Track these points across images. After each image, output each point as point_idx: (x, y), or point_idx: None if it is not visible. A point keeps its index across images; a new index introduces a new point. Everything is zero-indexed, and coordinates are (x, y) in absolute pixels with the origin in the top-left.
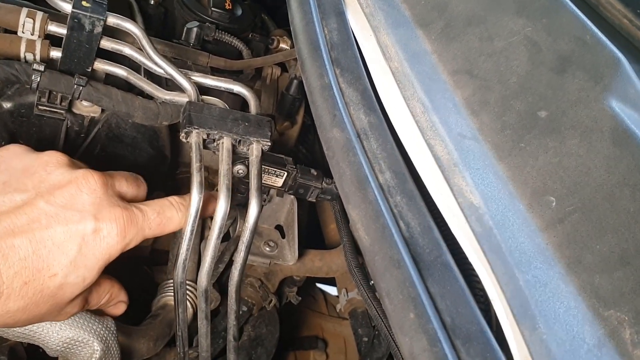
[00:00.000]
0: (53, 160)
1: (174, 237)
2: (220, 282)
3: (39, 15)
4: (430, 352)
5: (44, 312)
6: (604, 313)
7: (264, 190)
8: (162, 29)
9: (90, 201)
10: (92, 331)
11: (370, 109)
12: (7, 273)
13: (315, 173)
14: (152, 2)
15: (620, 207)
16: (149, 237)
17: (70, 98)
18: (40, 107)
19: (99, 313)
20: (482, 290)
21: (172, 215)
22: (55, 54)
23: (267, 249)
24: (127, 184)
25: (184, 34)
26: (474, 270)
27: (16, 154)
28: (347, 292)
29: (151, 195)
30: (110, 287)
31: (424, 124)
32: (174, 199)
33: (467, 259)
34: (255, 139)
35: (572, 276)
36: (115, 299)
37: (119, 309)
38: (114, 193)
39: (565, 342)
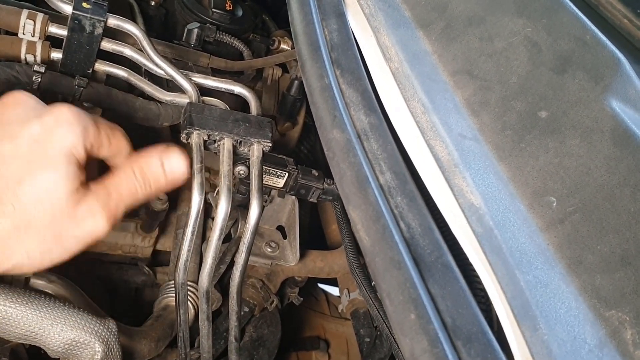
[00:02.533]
0: None
1: (176, 238)
2: (221, 283)
3: (40, 16)
4: (431, 353)
5: (45, 222)
6: (605, 313)
7: (265, 191)
8: (163, 30)
9: (24, 110)
10: (94, 332)
11: (370, 109)
12: None
13: (317, 174)
14: (152, 3)
15: (621, 208)
16: (109, 135)
17: (71, 99)
18: None
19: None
20: (483, 290)
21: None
22: (56, 55)
23: (269, 249)
24: None
25: (184, 35)
26: (474, 270)
27: None
28: (349, 293)
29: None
30: (130, 163)
31: (424, 124)
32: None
33: (467, 259)
34: (256, 139)
35: (573, 277)
36: (152, 163)
37: (176, 160)
38: None
39: (567, 342)
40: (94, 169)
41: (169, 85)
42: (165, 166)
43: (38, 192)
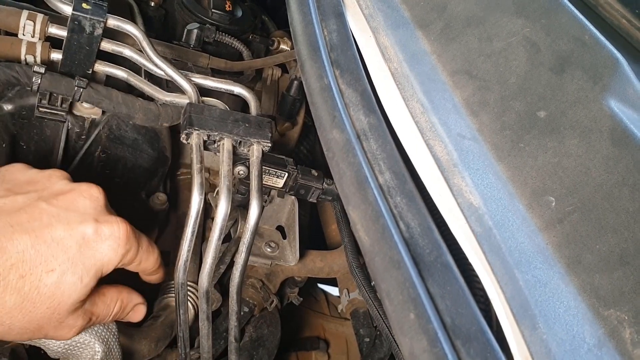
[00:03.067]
0: (56, 174)
1: (176, 238)
2: (221, 283)
3: (40, 17)
4: (431, 353)
5: (41, 314)
6: (604, 312)
7: (264, 191)
8: (162, 31)
9: (92, 206)
10: (94, 332)
11: (369, 109)
12: (4, 265)
13: (316, 174)
14: (152, 4)
15: (620, 207)
16: (142, 257)
17: (70, 100)
18: (41, 109)
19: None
20: (482, 290)
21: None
22: (56, 56)
23: (268, 249)
24: None
25: (184, 36)
26: (474, 270)
27: (19, 169)
28: (348, 293)
29: (152, 195)
30: (117, 294)
31: (423, 124)
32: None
33: (467, 259)
34: (255, 140)
35: (572, 276)
36: (129, 304)
37: (139, 312)
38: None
39: (565, 341)
40: None
41: (168, 85)
42: (135, 311)
43: (56, 289)
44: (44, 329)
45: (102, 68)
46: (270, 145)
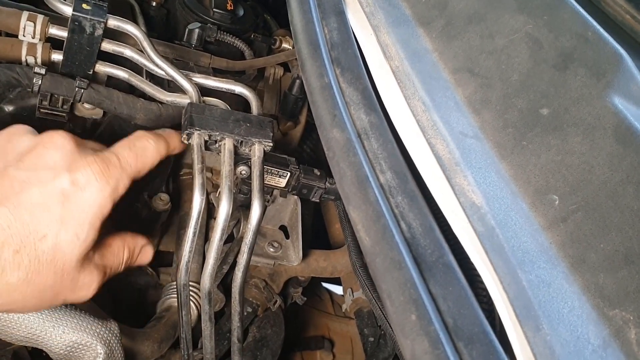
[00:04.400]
0: (15, 131)
1: (179, 238)
2: (225, 284)
3: (40, 18)
4: (432, 355)
5: (51, 281)
6: (609, 313)
7: (267, 191)
8: (164, 31)
9: (60, 156)
10: (96, 334)
11: (370, 108)
12: None
13: (319, 173)
14: (153, 4)
15: (624, 205)
16: (134, 175)
17: (71, 101)
18: (42, 110)
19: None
20: (485, 291)
21: (144, 144)
22: (57, 57)
23: (271, 249)
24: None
25: (185, 35)
26: (476, 270)
27: None
28: (352, 292)
29: (154, 196)
30: (122, 241)
31: (425, 123)
32: (139, 132)
33: (469, 259)
34: (257, 139)
35: (576, 275)
36: (136, 248)
37: (147, 253)
38: (85, 147)
39: (570, 342)
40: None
41: (170, 85)
42: (143, 252)
43: (55, 253)
44: (62, 294)
45: (103, 68)
46: (271, 145)
